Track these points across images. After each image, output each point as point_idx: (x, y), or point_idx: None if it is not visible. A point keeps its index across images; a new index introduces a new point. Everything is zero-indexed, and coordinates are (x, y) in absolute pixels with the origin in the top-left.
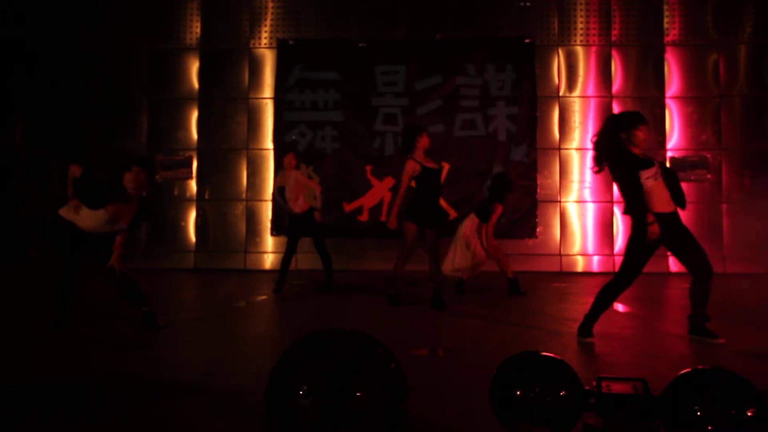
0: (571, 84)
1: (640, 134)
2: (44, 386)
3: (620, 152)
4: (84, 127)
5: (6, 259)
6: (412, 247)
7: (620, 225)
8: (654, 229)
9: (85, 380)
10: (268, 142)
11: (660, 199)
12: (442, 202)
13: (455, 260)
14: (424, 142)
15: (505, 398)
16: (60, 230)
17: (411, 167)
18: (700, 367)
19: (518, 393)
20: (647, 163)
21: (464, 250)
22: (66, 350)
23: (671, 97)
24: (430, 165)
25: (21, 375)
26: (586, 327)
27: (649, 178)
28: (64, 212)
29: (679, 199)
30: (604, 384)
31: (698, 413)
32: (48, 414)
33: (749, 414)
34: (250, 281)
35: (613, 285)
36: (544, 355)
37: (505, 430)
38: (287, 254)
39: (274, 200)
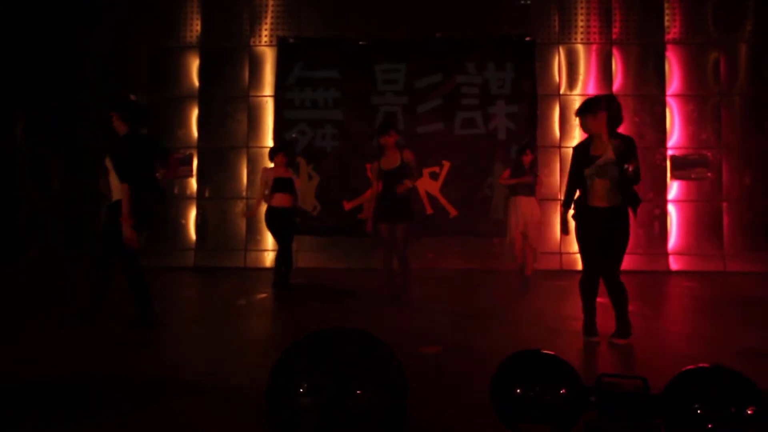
0: (571, 82)
1: (586, 121)
2: (44, 386)
3: (577, 147)
4: (85, 126)
5: (6, 258)
6: (389, 244)
7: None
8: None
9: (85, 380)
10: (269, 141)
11: (595, 195)
12: (442, 201)
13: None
14: (382, 140)
15: (506, 397)
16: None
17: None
18: (701, 365)
19: (518, 392)
20: (588, 162)
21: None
22: (66, 350)
23: (672, 95)
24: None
25: (21, 375)
26: (587, 326)
27: (590, 175)
28: None
29: (626, 200)
30: (604, 382)
31: (698, 411)
32: (48, 414)
33: (749, 412)
34: (251, 279)
35: (580, 280)
36: (545, 354)
37: (505, 429)
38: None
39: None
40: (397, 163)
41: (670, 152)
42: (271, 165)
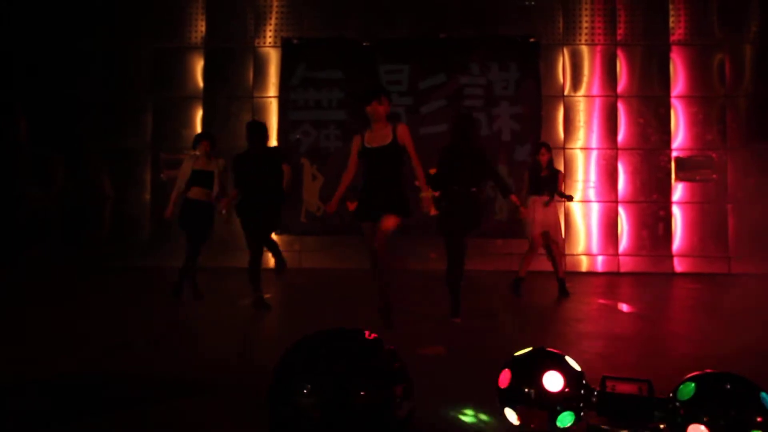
0: (575, 83)
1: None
2: (44, 386)
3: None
4: (88, 126)
5: (6, 258)
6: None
7: (624, 225)
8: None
9: (85, 380)
10: (273, 141)
11: None
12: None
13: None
14: (369, 109)
15: (509, 395)
16: None
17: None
18: (707, 371)
19: (522, 388)
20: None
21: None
22: (65, 350)
23: (676, 97)
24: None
25: (21, 375)
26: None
27: None
28: None
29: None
30: (608, 384)
31: (705, 418)
32: (48, 414)
33: (758, 420)
34: None
35: None
36: (549, 351)
37: (505, 429)
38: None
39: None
40: (388, 141)
41: (674, 154)
42: (195, 153)
